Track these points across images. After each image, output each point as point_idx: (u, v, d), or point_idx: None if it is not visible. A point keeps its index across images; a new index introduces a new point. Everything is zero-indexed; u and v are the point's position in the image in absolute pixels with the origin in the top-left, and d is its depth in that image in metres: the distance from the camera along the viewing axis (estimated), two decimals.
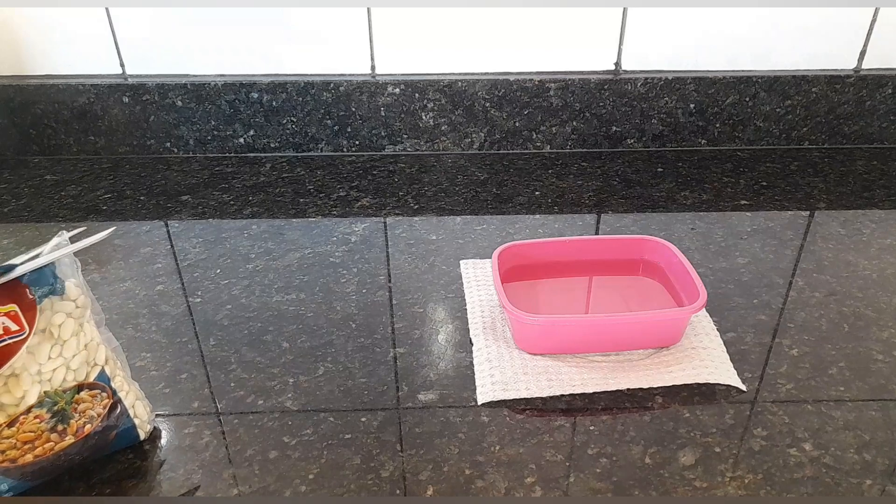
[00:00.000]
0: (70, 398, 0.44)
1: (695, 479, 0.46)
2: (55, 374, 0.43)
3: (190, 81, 0.92)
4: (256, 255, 0.73)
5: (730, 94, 0.93)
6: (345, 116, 0.94)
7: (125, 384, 0.48)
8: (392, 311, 0.64)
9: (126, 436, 0.48)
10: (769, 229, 0.76)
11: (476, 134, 0.96)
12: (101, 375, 0.45)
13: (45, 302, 0.43)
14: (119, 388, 0.47)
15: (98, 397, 0.45)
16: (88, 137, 0.96)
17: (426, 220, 0.79)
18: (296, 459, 0.48)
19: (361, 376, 0.56)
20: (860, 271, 0.69)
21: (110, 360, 0.47)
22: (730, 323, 0.61)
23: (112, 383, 0.46)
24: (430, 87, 0.92)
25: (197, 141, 0.96)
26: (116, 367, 0.47)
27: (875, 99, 0.93)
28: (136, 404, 0.49)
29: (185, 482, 0.47)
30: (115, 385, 0.47)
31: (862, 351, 0.58)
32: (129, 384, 0.49)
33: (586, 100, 0.93)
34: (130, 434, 0.48)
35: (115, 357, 0.48)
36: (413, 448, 0.49)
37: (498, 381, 0.54)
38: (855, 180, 0.88)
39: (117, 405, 0.46)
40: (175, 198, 0.85)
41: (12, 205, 0.85)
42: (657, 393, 0.53)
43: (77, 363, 0.44)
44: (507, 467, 0.47)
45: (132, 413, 0.48)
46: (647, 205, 0.82)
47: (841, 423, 0.50)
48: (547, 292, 0.65)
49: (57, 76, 0.93)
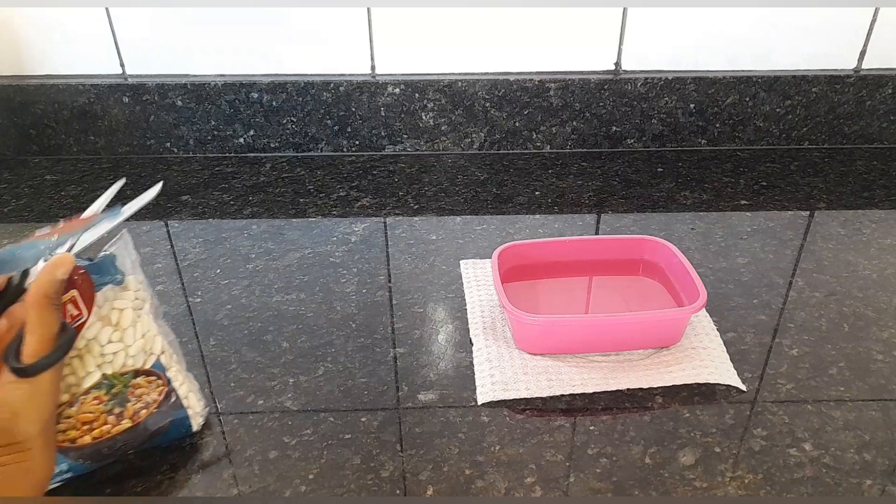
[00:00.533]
0: (127, 382, 0.46)
1: (695, 479, 0.46)
2: (115, 357, 0.45)
3: (190, 81, 0.92)
4: (256, 255, 0.73)
5: (730, 94, 0.93)
6: (345, 116, 0.94)
7: (180, 375, 0.49)
8: (392, 311, 0.64)
9: (180, 425, 0.49)
10: (769, 229, 0.76)
11: (476, 134, 0.96)
12: (157, 364, 0.47)
13: (107, 291, 0.45)
14: (174, 378, 0.48)
15: (154, 384, 0.47)
16: (88, 137, 0.96)
17: (426, 220, 0.79)
18: (296, 459, 0.48)
19: (361, 376, 0.56)
20: (860, 271, 0.69)
21: (166, 352, 0.48)
22: (730, 323, 0.61)
23: (168, 373, 0.48)
24: (430, 87, 0.92)
25: (197, 141, 0.96)
26: (172, 359, 0.49)
27: (875, 99, 0.93)
28: (190, 395, 0.50)
29: (186, 482, 0.47)
30: (171, 375, 0.48)
31: (862, 351, 0.58)
32: (184, 376, 0.50)
33: (586, 100, 0.93)
34: (184, 424, 0.49)
35: (171, 349, 0.49)
36: (413, 448, 0.49)
37: (498, 381, 0.54)
38: (855, 180, 0.88)
39: (172, 393, 0.48)
40: (175, 198, 0.85)
41: (12, 205, 0.85)
42: (657, 393, 0.53)
43: (135, 350, 0.46)
44: (507, 467, 0.47)
45: (186, 403, 0.49)
46: (647, 205, 0.82)
47: (841, 423, 0.50)
48: (547, 292, 0.65)
49: (57, 76, 0.93)
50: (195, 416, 0.50)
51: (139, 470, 0.47)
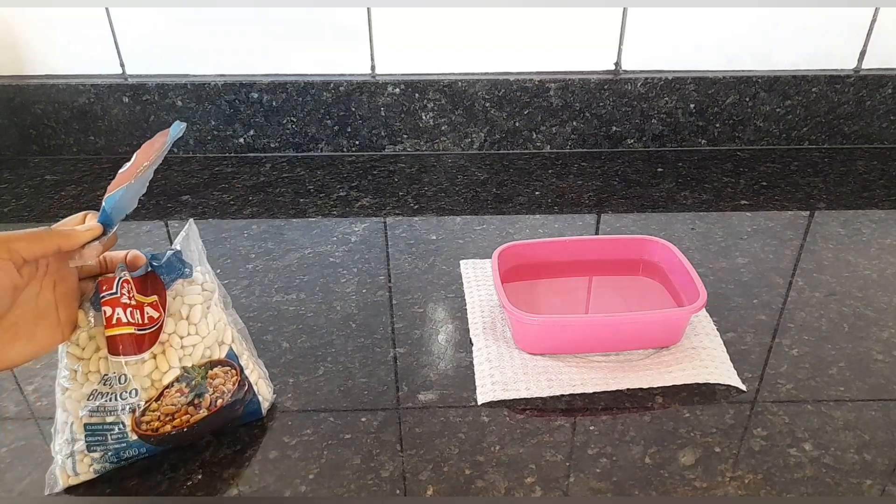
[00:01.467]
0: (205, 373, 0.47)
1: (695, 479, 0.46)
2: (195, 349, 0.47)
3: (190, 81, 0.92)
4: (256, 255, 0.73)
5: (730, 94, 0.93)
6: (345, 116, 0.94)
7: (250, 362, 0.50)
8: (392, 311, 0.64)
9: (251, 412, 0.50)
10: (769, 229, 0.76)
11: (476, 134, 0.96)
12: (229, 353, 0.49)
13: (176, 286, 0.47)
14: (245, 366, 0.49)
15: (229, 374, 0.48)
16: (88, 137, 0.96)
17: (426, 220, 0.79)
18: (296, 459, 0.48)
19: (361, 376, 0.56)
20: (860, 271, 0.69)
21: (237, 340, 0.50)
22: (730, 323, 0.61)
23: (240, 360, 0.49)
24: (430, 87, 0.92)
25: (197, 141, 0.96)
26: (243, 347, 0.50)
27: (875, 99, 0.93)
28: (259, 382, 0.51)
29: (186, 482, 0.47)
30: (242, 363, 0.49)
31: (862, 351, 0.58)
32: (254, 363, 0.51)
33: (586, 100, 0.93)
34: (256, 410, 0.50)
35: (241, 337, 0.51)
36: (413, 448, 0.49)
37: (498, 381, 0.54)
38: (855, 180, 0.88)
39: (244, 382, 0.49)
40: (175, 198, 0.85)
41: (12, 205, 0.85)
42: (657, 393, 0.53)
43: (210, 341, 0.48)
44: (507, 467, 0.47)
45: (256, 390, 0.50)
46: (647, 205, 0.82)
47: (841, 423, 0.50)
48: (547, 292, 0.65)
49: (57, 76, 0.93)
50: (264, 401, 0.51)
51: (139, 470, 0.47)
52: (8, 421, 0.52)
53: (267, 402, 0.51)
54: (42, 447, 0.49)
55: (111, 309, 0.43)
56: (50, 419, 0.51)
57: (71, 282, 0.44)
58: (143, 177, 0.45)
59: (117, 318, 0.43)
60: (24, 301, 0.41)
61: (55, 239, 0.41)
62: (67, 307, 0.44)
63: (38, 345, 0.42)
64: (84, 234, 0.42)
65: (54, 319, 0.43)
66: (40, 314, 0.42)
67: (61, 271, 0.43)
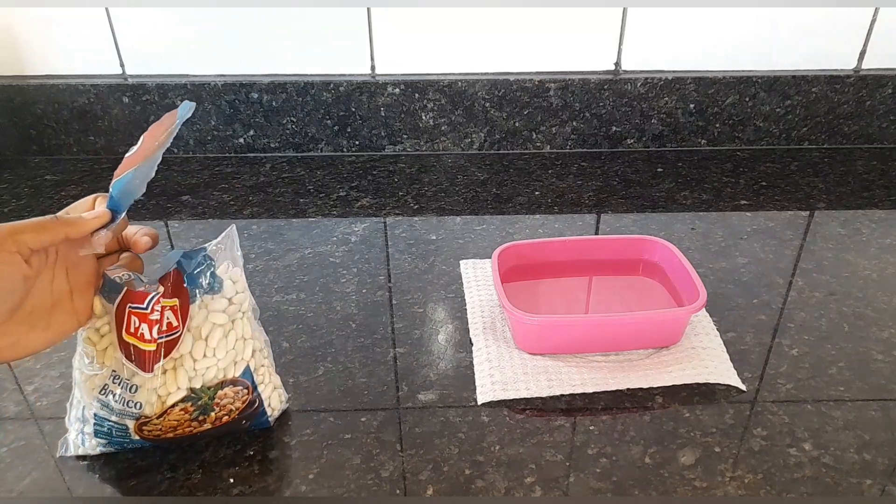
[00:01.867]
0: (213, 394, 0.46)
1: (695, 479, 0.46)
2: (207, 371, 0.45)
3: (190, 81, 0.92)
4: (256, 255, 0.73)
5: (730, 94, 0.93)
6: (345, 116, 0.94)
7: (267, 375, 0.49)
8: (392, 311, 0.64)
9: (258, 424, 0.50)
10: (769, 229, 0.76)
11: (476, 134, 0.96)
12: (245, 371, 0.47)
13: (202, 300, 0.45)
14: (260, 382, 0.48)
15: (239, 393, 0.47)
16: (88, 137, 0.96)
17: (426, 220, 0.79)
18: (296, 459, 0.48)
19: (361, 376, 0.56)
20: (860, 271, 0.69)
21: (256, 353, 0.48)
22: (730, 323, 0.61)
23: (255, 377, 0.47)
24: (430, 87, 0.92)
25: (197, 141, 0.96)
26: (262, 356, 0.49)
27: (875, 99, 0.93)
28: (273, 395, 0.50)
29: (186, 482, 0.47)
30: (258, 379, 0.48)
31: (862, 351, 0.58)
32: (271, 375, 0.50)
33: (586, 100, 0.93)
34: (263, 422, 0.50)
35: (263, 348, 0.49)
36: (413, 448, 0.49)
37: (498, 381, 0.54)
38: (855, 180, 0.88)
39: (255, 399, 0.48)
40: (175, 198, 0.85)
41: (12, 205, 0.85)
42: (657, 393, 0.53)
43: (226, 362, 0.46)
44: (507, 467, 0.47)
45: (267, 403, 0.49)
46: (647, 205, 0.82)
47: (841, 423, 0.50)
48: (547, 292, 0.65)
49: (57, 76, 0.93)
50: (273, 413, 0.50)
51: (139, 470, 0.47)
52: (8, 421, 0.52)
53: (276, 412, 0.51)
54: (42, 447, 0.49)
55: (138, 321, 0.42)
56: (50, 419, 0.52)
57: (85, 268, 0.44)
58: (152, 159, 0.44)
59: (141, 333, 0.43)
60: (37, 290, 0.41)
61: (62, 228, 0.40)
62: (83, 294, 0.43)
63: (54, 332, 0.42)
64: (91, 221, 0.41)
65: (69, 306, 0.43)
66: (55, 302, 0.42)
67: (74, 258, 0.43)
